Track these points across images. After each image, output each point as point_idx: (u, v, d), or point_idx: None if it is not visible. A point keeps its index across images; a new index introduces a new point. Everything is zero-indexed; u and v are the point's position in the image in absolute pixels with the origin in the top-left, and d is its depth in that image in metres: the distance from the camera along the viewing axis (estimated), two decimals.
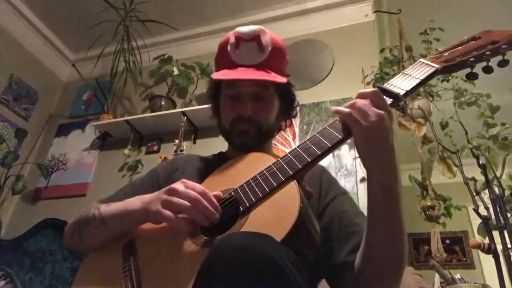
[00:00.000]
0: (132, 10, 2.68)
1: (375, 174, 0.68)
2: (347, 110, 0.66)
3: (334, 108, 0.69)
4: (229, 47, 0.94)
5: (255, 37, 0.93)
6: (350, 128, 0.67)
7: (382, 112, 0.64)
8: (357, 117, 0.64)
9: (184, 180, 0.75)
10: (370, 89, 0.68)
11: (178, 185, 0.74)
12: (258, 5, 2.74)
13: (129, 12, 2.69)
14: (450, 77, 1.92)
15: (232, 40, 0.94)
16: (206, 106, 1.45)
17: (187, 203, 0.70)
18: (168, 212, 0.71)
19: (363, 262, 0.74)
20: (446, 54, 0.80)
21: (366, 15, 2.50)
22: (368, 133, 0.64)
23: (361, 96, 0.68)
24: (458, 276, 1.52)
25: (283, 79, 0.93)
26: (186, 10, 2.81)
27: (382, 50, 2.25)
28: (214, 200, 0.71)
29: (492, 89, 2.01)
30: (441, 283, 1.56)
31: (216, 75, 0.94)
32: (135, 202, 0.81)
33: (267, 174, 0.73)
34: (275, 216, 0.66)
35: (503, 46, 0.74)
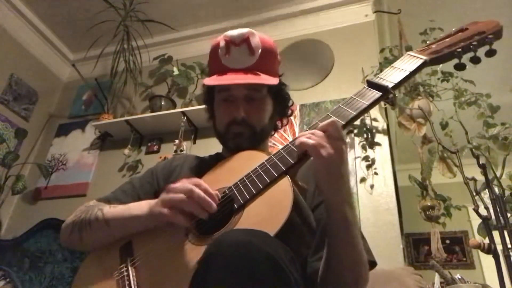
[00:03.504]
0: (132, 10, 2.68)
1: (333, 203, 0.72)
2: (311, 142, 0.69)
3: (298, 141, 0.72)
4: (219, 52, 0.95)
5: (245, 40, 0.93)
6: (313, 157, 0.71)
7: (338, 142, 0.69)
8: (317, 149, 0.68)
9: (183, 179, 0.76)
10: (327, 120, 0.73)
11: (176, 184, 0.75)
12: (258, 5, 2.74)
13: (129, 12, 2.69)
14: (450, 77, 1.93)
15: (222, 44, 0.95)
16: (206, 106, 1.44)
17: (181, 195, 0.71)
18: (165, 209, 0.72)
19: (324, 271, 0.77)
20: (434, 46, 0.81)
21: (366, 15, 2.50)
22: (326, 164, 0.68)
23: (319, 129, 0.72)
24: (458, 276, 1.52)
25: (273, 80, 0.93)
26: (186, 10, 2.81)
27: (382, 50, 2.25)
28: (210, 190, 0.72)
29: (492, 89, 2.01)
30: (441, 283, 1.56)
31: (207, 81, 0.95)
32: (142, 206, 0.81)
33: (260, 171, 0.74)
34: (269, 211, 0.67)
35: (489, 36, 0.75)
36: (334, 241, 0.74)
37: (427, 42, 1.98)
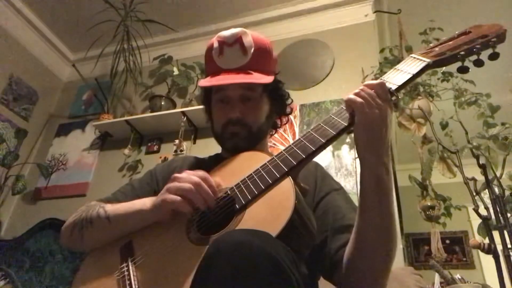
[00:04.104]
0: (132, 10, 2.68)
1: (369, 164, 0.72)
2: (359, 100, 0.71)
3: (347, 98, 0.73)
4: (213, 53, 0.95)
5: (238, 40, 0.94)
6: (354, 114, 0.71)
7: (384, 104, 0.70)
8: (362, 105, 0.70)
9: (187, 170, 0.79)
10: (376, 81, 0.74)
11: (181, 174, 0.77)
12: (258, 5, 2.74)
13: (129, 12, 2.69)
14: (450, 77, 1.92)
15: (216, 45, 0.95)
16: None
17: (189, 185, 0.73)
18: (171, 196, 0.74)
19: (353, 254, 0.75)
20: (437, 48, 0.81)
21: (366, 15, 2.51)
22: (369, 121, 0.69)
23: (368, 86, 0.73)
24: (458, 276, 1.52)
25: (266, 79, 0.93)
26: (186, 10, 2.81)
27: (382, 50, 2.25)
28: (214, 185, 0.75)
29: (492, 89, 2.01)
30: (441, 283, 1.56)
31: (201, 82, 0.96)
32: (144, 201, 0.82)
33: (262, 172, 0.74)
34: (271, 212, 0.67)
35: (493, 40, 0.75)
36: (367, 206, 0.72)
37: (428, 42, 2.00)
